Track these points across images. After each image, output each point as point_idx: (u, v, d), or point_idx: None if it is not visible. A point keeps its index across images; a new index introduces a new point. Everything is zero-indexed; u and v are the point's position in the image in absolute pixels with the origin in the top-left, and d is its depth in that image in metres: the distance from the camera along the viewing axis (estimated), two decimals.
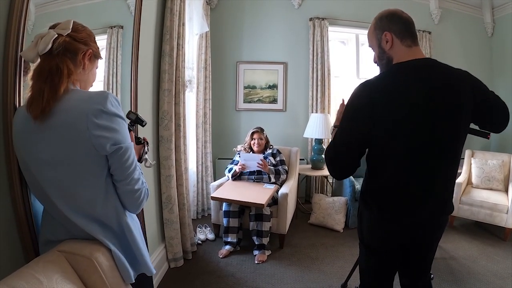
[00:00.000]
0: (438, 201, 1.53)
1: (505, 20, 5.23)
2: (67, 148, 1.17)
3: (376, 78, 1.49)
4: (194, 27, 4.00)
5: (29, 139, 1.20)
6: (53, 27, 1.24)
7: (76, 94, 1.21)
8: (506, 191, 4.25)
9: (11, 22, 1.34)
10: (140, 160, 1.56)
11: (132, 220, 1.40)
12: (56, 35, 1.20)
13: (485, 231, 4.14)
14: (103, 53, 2.36)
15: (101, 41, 2.35)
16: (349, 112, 1.48)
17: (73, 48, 1.25)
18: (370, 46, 1.62)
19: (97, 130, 1.15)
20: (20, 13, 1.35)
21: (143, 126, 1.69)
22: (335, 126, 1.76)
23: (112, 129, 1.19)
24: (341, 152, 1.50)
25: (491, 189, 4.32)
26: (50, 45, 1.19)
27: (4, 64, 1.34)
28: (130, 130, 1.45)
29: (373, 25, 1.56)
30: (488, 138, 1.70)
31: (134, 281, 1.37)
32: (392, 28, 1.49)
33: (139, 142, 1.59)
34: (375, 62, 1.63)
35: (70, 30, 1.24)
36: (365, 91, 1.45)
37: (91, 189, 1.24)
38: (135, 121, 1.64)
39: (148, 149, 1.62)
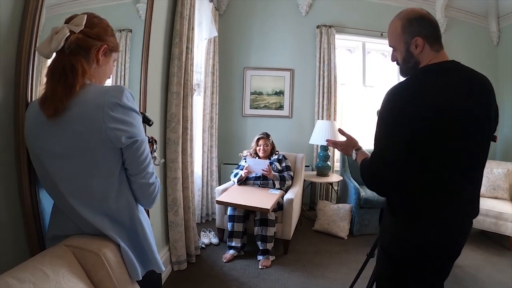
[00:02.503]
0: (468, 208, 1.51)
1: (511, 29, 5.24)
2: (82, 141, 1.17)
3: (408, 82, 1.45)
4: (203, 32, 4.04)
5: (42, 132, 1.20)
6: (68, 20, 1.24)
7: (92, 88, 1.20)
8: (511, 200, 4.22)
9: (25, 19, 1.36)
10: (157, 164, 1.59)
11: (143, 216, 1.40)
12: (68, 33, 1.19)
13: (490, 240, 4.10)
14: None
15: None
16: (389, 120, 1.41)
17: (86, 45, 1.24)
18: (392, 46, 1.58)
19: (112, 123, 1.15)
20: (35, 12, 1.38)
21: (150, 125, 1.70)
22: (356, 149, 1.72)
23: (128, 123, 1.19)
24: (388, 165, 1.42)
25: (496, 197, 4.29)
26: (62, 44, 1.18)
27: (17, 63, 1.36)
28: (153, 141, 1.57)
29: (399, 27, 1.50)
30: (495, 141, 1.68)
31: (141, 279, 1.36)
32: (422, 33, 1.45)
33: (147, 141, 1.59)
34: (394, 61, 1.61)
35: (83, 27, 1.22)
36: (405, 96, 1.39)
37: (105, 183, 1.23)
38: (142, 120, 1.63)
39: (156, 147, 1.63)
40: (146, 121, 1.66)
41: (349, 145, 1.79)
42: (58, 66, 1.19)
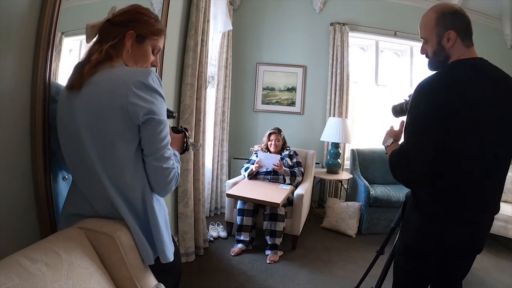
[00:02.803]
0: (493, 204, 1.53)
1: None
2: (104, 114, 1.22)
3: (440, 76, 1.45)
4: (218, 25, 4.04)
5: (70, 106, 1.27)
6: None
7: (122, 69, 1.28)
8: None
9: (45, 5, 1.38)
10: (187, 147, 1.58)
11: (159, 205, 1.40)
12: (95, 24, 1.31)
13: (499, 243, 4.04)
14: None
15: None
16: (420, 113, 1.42)
17: (110, 32, 1.31)
18: (423, 38, 1.58)
19: (134, 98, 1.19)
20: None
21: (173, 117, 1.68)
22: (394, 140, 1.72)
23: (148, 101, 1.22)
24: (417, 157, 1.42)
25: (505, 201, 4.21)
26: (90, 35, 1.32)
27: (36, 47, 1.38)
28: (182, 130, 1.58)
29: (434, 19, 1.50)
30: None
31: (153, 263, 1.37)
32: (456, 27, 1.46)
33: (178, 131, 1.59)
34: (424, 54, 1.61)
35: (110, 16, 1.33)
36: (437, 90, 1.40)
37: (122, 154, 1.26)
38: (168, 115, 1.62)
39: (189, 135, 1.62)
40: (169, 114, 1.63)
41: (392, 134, 1.78)
42: (89, 50, 1.31)
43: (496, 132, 1.42)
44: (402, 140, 1.60)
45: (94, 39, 1.34)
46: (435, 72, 1.50)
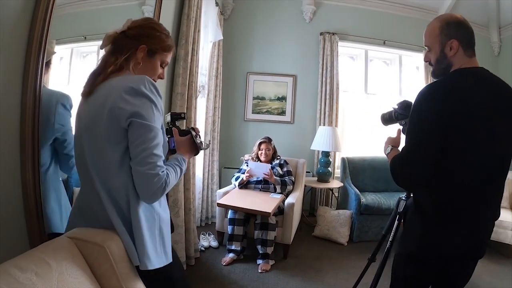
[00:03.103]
0: (495, 209, 1.57)
1: None
2: (98, 116, 1.28)
3: (443, 83, 1.48)
4: (209, 35, 4.06)
5: (79, 111, 1.39)
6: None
7: (123, 77, 1.34)
8: (511, 208, 4.22)
9: (36, 13, 1.38)
10: (198, 148, 1.61)
11: (149, 211, 1.38)
12: (110, 34, 1.38)
13: (490, 248, 4.07)
14: None
15: None
16: (423, 117, 1.44)
17: (123, 44, 1.37)
18: (427, 46, 1.61)
19: (120, 102, 1.24)
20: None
21: (183, 118, 1.69)
22: (392, 147, 1.76)
23: (133, 104, 1.24)
24: (418, 162, 1.45)
25: None
26: (106, 44, 1.40)
27: (27, 55, 1.38)
28: (172, 128, 1.57)
29: (438, 28, 1.55)
30: None
31: (138, 263, 1.34)
32: (458, 37, 1.50)
33: (185, 133, 1.59)
34: (427, 61, 1.64)
35: (125, 28, 1.39)
36: (439, 97, 1.42)
37: (109, 157, 1.28)
38: (174, 117, 1.65)
39: (197, 134, 1.62)
40: (177, 117, 1.66)
41: (390, 142, 1.81)
42: (103, 59, 1.40)
43: (497, 139, 1.46)
44: (402, 145, 1.63)
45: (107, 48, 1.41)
46: (436, 80, 1.54)
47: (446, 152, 1.41)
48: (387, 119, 1.97)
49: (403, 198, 1.99)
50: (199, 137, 1.62)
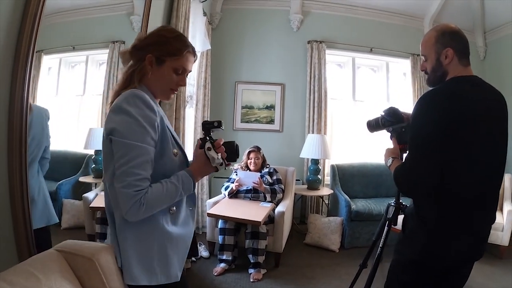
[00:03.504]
0: (493, 214, 1.60)
1: (497, 43, 5.41)
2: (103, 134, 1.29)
3: (441, 90, 1.51)
4: (196, 45, 4.06)
5: None
6: None
7: (124, 92, 1.29)
8: (501, 209, 4.27)
9: (24, 24, 1.38)
10: (214, 164, 1.41)
11: (145, 226, 1.32)
12: (124, 51, 1.38)
13: None
14: (103, 68, 2.42)
15: (102, 55, 2.39)
16: (424, 125, 1.46)
17: (134, 57, 1.37)
18: (423, 55, 1.66)
19: (106, 121, 1.25)
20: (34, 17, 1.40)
21: (217, 127, 1.48)
22: (393, 158, 1.74)
23: (112, 121, 1.22)
24: (423, 170, 1.45)
25: None
26: (124, 60, 1.39)
27: (14, 66, 1.37)
28: (205, 140, 1.42)
29: (433, 37, 1.59)
30: None
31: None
32: (453, 46, 1.55)
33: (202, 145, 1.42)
34: (423, 70, 1.68)
35: (135, 42, 1.38)
36: (438, 103, 1.45)
37: (107, 171, 1.30)
38: (206, 127, 1.48)
39: (211, 148, 1.40)
40: (209, 126, 1.48)
41: (390, 153, 1.81)
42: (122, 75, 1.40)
43: (494, 145, 1.51)
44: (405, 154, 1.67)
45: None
46: (434, 87, 1.58)
47: (448, 159, 1.43)
48: (374, 126, 1.99)
49: (392, 204, 2.00)
50: (215, 151, 1.39)
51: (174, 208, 1.39)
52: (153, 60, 1.34)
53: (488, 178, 1.51)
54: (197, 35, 4.02)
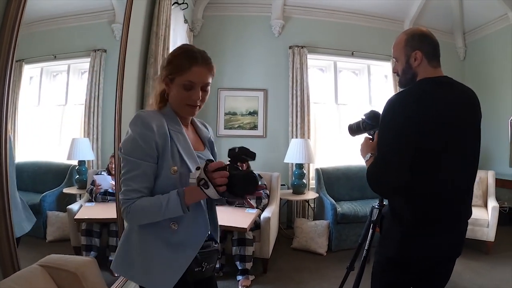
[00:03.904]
0: (467, 210, 1.64)
1: (476, 44, 5.59)
2: None
3: (409, 92, 1.54)
4: None
5: None
6: None
7: None
8: (486, 206, 4.38)
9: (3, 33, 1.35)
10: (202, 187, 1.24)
11: (150, 227, 1.36)
12: None
13: (468, 246, 4.14)
14: (85, 76, 2.39)
15: (84, 64, 2.36)
16: (392, 127, 1.49)
17: (159, 80, 1.45)
18: (394, 57, 1.69)
19: None
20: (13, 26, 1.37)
21: (242, 160, 1.41)
22: (372, 154, 1.72)
23: (123, 140, 1.35)
24: (392, 169, 1.47)
25: (472, 205, 4.38)
26: None
27: None
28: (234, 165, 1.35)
29: (403, 40, 1.63)
30: None
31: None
32: (422, 48, 1.58)
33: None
34: (395, 72, 1.72)
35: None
36: (407, 104, 1.48)
37: None
38: (232, 155, 1.39)
39: (204, 169, 1.25)
40: (241, 154, 1.39)
41: (369, 147, 1.77)
42: None
43: (466, 141, 1.55)
44: None
45: None
46: (403, 89, 1.61)
47: (419, 158, 1.45)
48: (355, 129, 2.00)
49: (376, 206, 2.03)
50: (204, 174, 1.23)
51: (176, 225, 1.37)
52: (167, 81, 1.40)
53: (462, 175, 1.55)
54: (178, 43, 4.00)
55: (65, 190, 2.23)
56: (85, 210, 2.35)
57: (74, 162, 2.33)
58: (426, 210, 1.52)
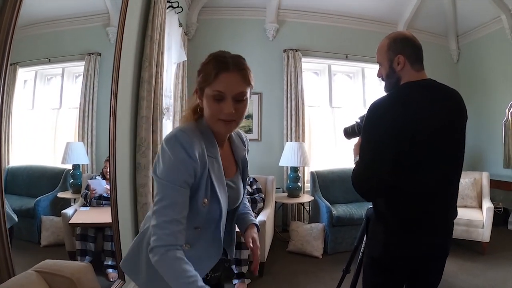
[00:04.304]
0: (452, 209, 1.64)
1: (470, 46, 5.64)
2: None
3: (391, 96, 1.57)
4: (172, 56, 4.04)
5: None
6: None
7: None
8: (480, 207, 4.42)
9: None
10: None
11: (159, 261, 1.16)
12: None
13: (463, 247, 4.20)
14: (79, 80, 2.39)
15: (78, 68, 2.36)
16: (373, 132, 1.51)
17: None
18: (378, 62, 1.71)
19: None
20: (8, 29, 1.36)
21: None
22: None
23: (158, 160, 1.19)
24: (373, 172, 1.49)
25: (465, 206, 4.48)
26: None
27: None
28: None
29: (386, 45, 1.64)
30: None
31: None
32: (405, 52, 1.58)
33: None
34: (380, 77, 1.73)
35: None
36: (390, 108, 1.49)
37: None
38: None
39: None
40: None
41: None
42: None
43: (449, 142, 1.55)
44: None
45: None
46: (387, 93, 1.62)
47: (401, 161, 1.47)
48: (350, 133, 2.01)
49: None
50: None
51: (190, 246, 1.27)
52: (200, 94, 1.27)
53: (444, 177, 1.56)
54: (173, 46, 4.00)
55: (60, 195, 2.22)
56: (80, 214, 2.34)
57: (69, 166, 2.32)
58: (409, 212, 1.53)
